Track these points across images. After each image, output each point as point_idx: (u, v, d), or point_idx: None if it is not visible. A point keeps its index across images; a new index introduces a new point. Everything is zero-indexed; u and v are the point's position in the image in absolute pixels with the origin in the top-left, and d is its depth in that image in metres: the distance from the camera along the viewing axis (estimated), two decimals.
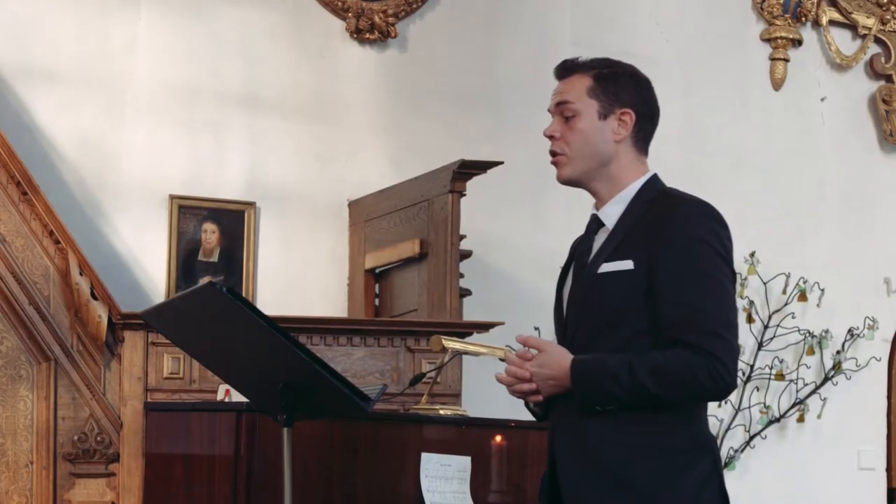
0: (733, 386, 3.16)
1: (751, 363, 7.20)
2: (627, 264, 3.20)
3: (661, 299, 3.15)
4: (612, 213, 3.30)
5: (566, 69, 3.36)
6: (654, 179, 3.36)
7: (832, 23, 7.62)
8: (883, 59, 7.73)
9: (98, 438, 5.21)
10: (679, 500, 3.13)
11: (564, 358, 3.21)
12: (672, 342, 3.14)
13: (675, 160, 7.19)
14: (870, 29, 7.68)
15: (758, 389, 7.23)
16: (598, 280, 3.23)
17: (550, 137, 3.34)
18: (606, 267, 3.22)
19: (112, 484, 5.23)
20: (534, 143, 6.76)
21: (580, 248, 3.36)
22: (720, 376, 3.11)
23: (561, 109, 3.33)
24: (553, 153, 3.34)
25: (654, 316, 3.16)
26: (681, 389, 3.13)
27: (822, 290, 7.35)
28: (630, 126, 3.34)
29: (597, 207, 3.35)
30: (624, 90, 3.34)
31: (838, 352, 7.39)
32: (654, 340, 3.16)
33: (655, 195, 3.30)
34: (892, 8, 7.73)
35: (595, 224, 3.34)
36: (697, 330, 3.12)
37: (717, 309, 3.15)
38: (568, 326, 3.30)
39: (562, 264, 7.33)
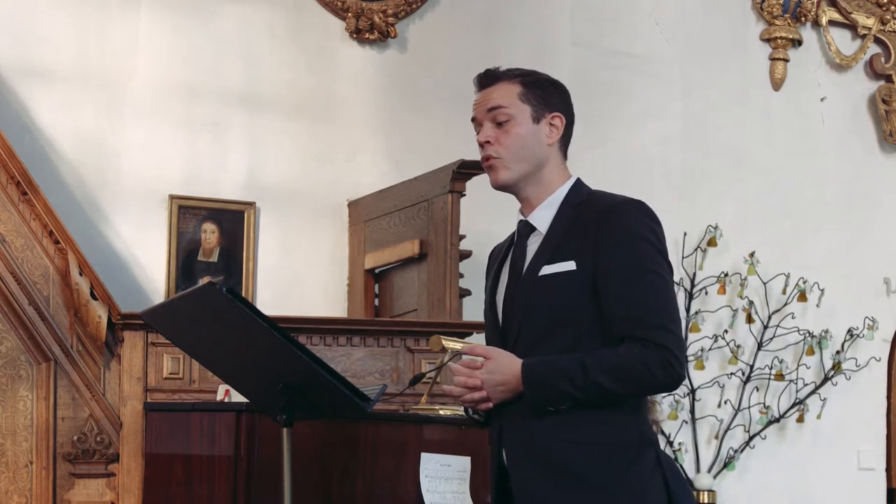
0: (684, 377, 3.24)
1: (751, 363, 7.20)
2: (570, 265, 3.25)
3: (607, 297, 3.22)
4: (543, 217, 3.36)
5: (491, 77, 3.44)
6: (580, 183, 3.42)
7: (832, 23, 7.62)
8: (883, 59, 7.73)
9: (98, 439, 5.21)
10: (630, 492, 3.20)
11: (514, 363, 3.25)
12: (621, 338, 3.20)
13: (675, 160, 7.20)
14: (870, 29, 7.68)
15: (757, 389, 7.23)
16: (540, 282, 3.27)
17: (485, 143, 3.40)
18: (548, 269, 3.27)
19: (112, 484, 5.22)
20: None
21: (516, 253, 3.39)
22: (672, 367, 3.19)
23: (494, 115, 3.39)
24: (487, 157, 3.40)
25: (599, 314, 3.23)
26: (635, 383, 3.20)
27: (822, 290, 7.35)
28: (561, 129, 3.40)
29: (524, 213, 3.41)
30: (551, 96, 3.41)
31: (838, 352, 7.39)
32: (601, 339, 3.22)
33: (585, 198, 3.36)
34: (892, 8, 7.73)
35: (525, 229, 3.39)
36: (646, 324, 3.19)
37: (662, 303, 3.23)
38: (509, 332, 3.33)
39: None
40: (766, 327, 7.23)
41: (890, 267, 7.63)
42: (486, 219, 6.42)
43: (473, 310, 6.01)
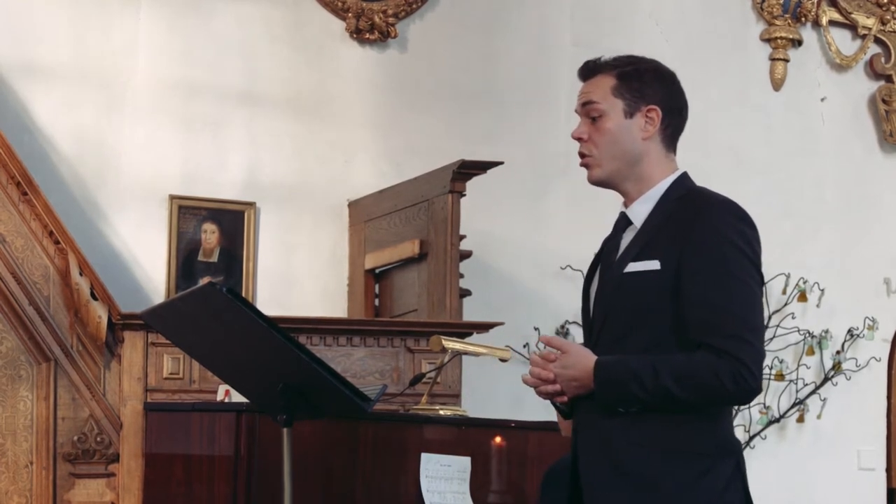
0: (758, 390, 3.13)
1: None
2: (654, 265, 3.16)
3: (686, 301, 3.12)
4: (640, 212, 3.26)
5: (590, 70, 3.34)
6: (684, 177, 3.32)
7: (832, 23, 7.62)
8: (883, 60, 7.72)
9: (98, 439, 5.21)
10: (701, 503, 3.11)
11: (588, 359, 3.18)
12: (697, 344, 3.11)
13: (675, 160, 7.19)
14: (870, 29, 7.68)
15: None
16: (624, 280, 3.19)
17: (578, 139, 3.30)
18: (633, 267, 3.19)
19: (112, 484, 5.22)
20: (534, 143, 6.78)
21: (608, 247, 3.31)
22: (744, 380, 3.08)
23: (587, 110, 3.29)
24: (581, 155, 3.31)
25: (680, 317, 3.13)
26: (704, 393, 3.10)
27: (822, 290, 7.35)
28: (657, 123, 3.29)
29: (625, 205, 3.31)
30: (648, 87, 3.30)
31: (838, 352, 7.39)
32: (680, 342, 3.13)
33: (684, 193, 3.26)
34: (892, 8, 7.73)
35: (623, 222, 3.30)
36: (722, 333, 3.09)
37: (742, 311, 3.11)
38: (594, 326, 3.26)
39: (561, 265, 7.34)
40: (766, 327, 7.23)
41: (890, 267, 7.62)
42: (487, 219, 6.43)
43: (473, 310, 6.01)
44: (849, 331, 7.42)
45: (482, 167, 5.77)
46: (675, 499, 3.10)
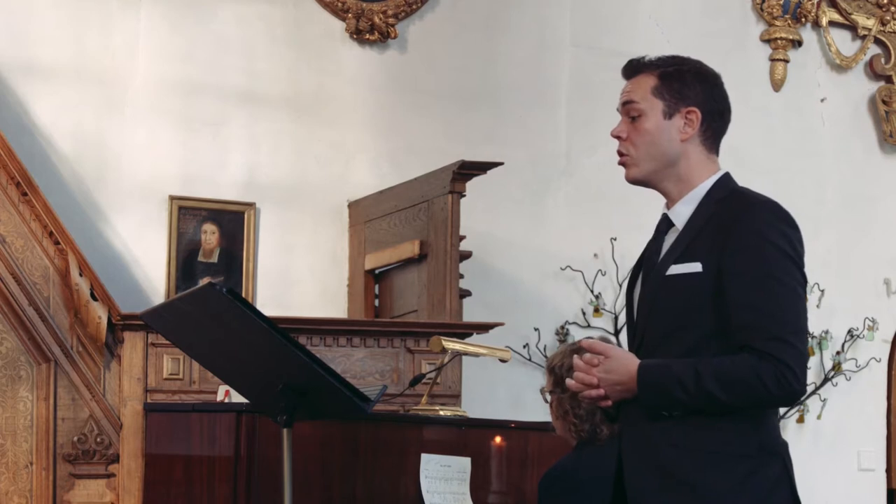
0: (802, 392, 3.13)
1: None
2: (696, 266, 3.15)
3: (729, 303, 3.11)
4: (681, 213, 3.24)
5: (632, 69, 3.33)
6: (726, 178, 3.30)
7: (832, 24, 7.62)
8: (883, 60, 7.73)
9: (98, 439, 5.21)
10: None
11: (631, 363, 3.16)
12: (739, 347, 3.10)
13: None
14: (870, 30, 7.68)
15: None
16: (666, 282, 3.18)
17: (617, 138, 3.29)
18: (675, 269, 3.18)
19: (112, 485, 5.22)
20: (534, 143, 6.78)
21: (650, 249, 3.30)
22: (788, 382, 3.08)
23: (627, 109, 3.28)
24: (620, 154, 3.29)
25: (722, 319, 3.12)
26: (747, 396, 3.10)
27: (822, 290, 7.35)
28: (696, 124, 3.28)
29: (667, 207, 3.29)
30: (689, 88, 3.29)
31: (838, 352, 7.39)
32: (723, 344, 3.12)
33: (726, 194, 3.24)
34: (892, 9, 7.73)
35: (665, 224, 3.28)
36: (765, 335, 3.08)
37: (785, 313, 3.10)
38: (637, 329, 3.25)
39: (561, 265, 7.32)
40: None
41: (890, 267, 7.63)
42: (487, 219, 6.43)
43: (473, 310, 6.01)
44: (849, 331, 7.42)
45: (482, 168, 5.77)
46: (721, 500, 3.10)
